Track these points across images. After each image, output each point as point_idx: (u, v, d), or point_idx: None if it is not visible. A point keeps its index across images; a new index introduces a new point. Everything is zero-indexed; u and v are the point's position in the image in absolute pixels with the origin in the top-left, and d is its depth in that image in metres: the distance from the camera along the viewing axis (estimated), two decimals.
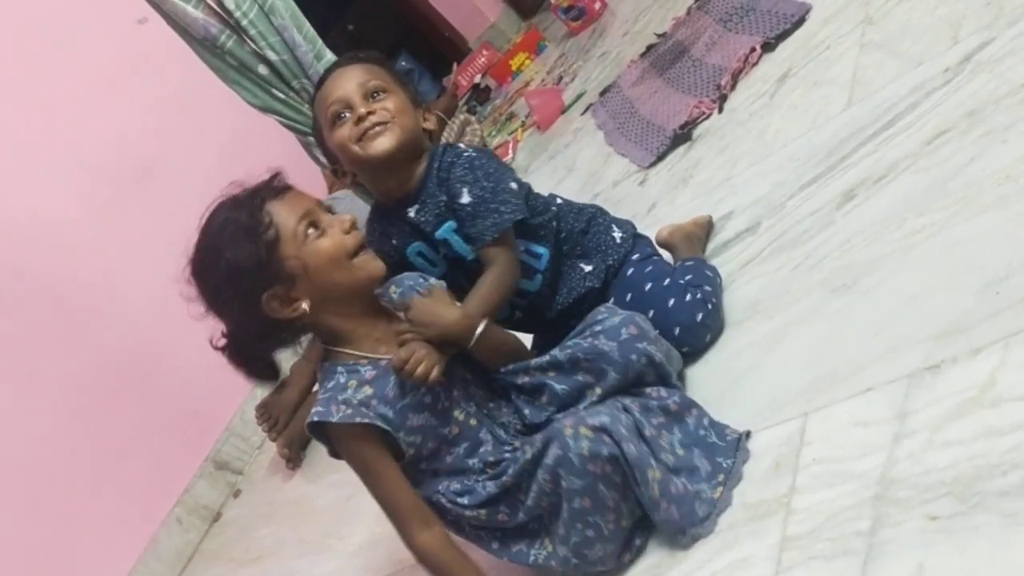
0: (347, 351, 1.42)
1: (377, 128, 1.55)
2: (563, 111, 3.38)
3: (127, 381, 2.99)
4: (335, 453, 1.44)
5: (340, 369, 1.41)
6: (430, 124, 1.64)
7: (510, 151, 3.48)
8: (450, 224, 1.60)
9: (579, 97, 3.33)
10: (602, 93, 3.11)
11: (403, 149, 1.58)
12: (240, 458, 3.13)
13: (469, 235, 1.59)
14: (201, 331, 1.45)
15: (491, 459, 1.41)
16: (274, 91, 1.78)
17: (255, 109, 1.83)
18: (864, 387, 1.24)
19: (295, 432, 2.75)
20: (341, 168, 1.65)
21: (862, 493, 1.11)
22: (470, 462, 1.42)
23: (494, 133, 3.94)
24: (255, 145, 3.06)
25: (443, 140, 3.74)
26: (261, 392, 3.05)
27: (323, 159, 1.65)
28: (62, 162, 3.12)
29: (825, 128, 1.79)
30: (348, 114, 1.57)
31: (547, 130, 3.37)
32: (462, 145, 1.67)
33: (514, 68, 4.50)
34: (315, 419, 1.37)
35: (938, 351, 1.19)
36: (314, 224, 1.38)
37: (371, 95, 1.57)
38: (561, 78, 3.74)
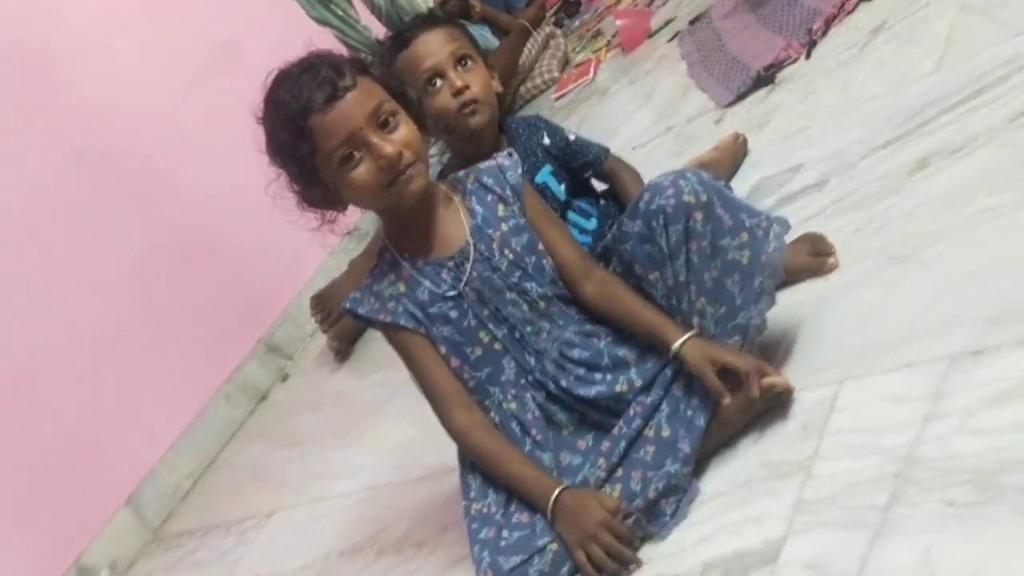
0: (394, 246, 1.47)
1: (473, 105, 1.70)
2: (650, 35, 3.31)
3: (193, 255, 3.06)
4: None
5: (387, 256, 1.47)
6: (498, 86, 1.78)
7: (591, 70, 3.43)
8: (546, 168, 1.78)
9: (668, 23, 3.26)
10: (692, 22, 3.03)
11: (492, 123, 1.75)
12: (292, 344, 3.21)
13: (587, 161, 1.83)
14: (269, 214, 1.49)
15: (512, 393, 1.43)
16: (332, 6, 1.81)
17: (313, 20, 1.86)
18: (904, 362, 1.23)
19: (347, 326, 2.81)
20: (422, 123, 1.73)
21: (884, 468, 1.11)
22: (491, 390, 1.44)
23: (578, 49, 3.88)
24: None
25: (526, 53, 3.71)
26: (320, 282, 3.13)
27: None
28: (147, 35, 3.16)
29: (911, 89, 1.74)
30: (440, 81, 1.69)
31: (631, 53, 3.31)
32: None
33: None
34: (347, 305, 1.48)
35: (985, 336, 1.16)
36: (355, 148, 1.34)
37: (460, 63, 1.71)
38: (653, 0, 3.65)
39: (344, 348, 2.83)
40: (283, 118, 1.35)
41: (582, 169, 1.84)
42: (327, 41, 3.09)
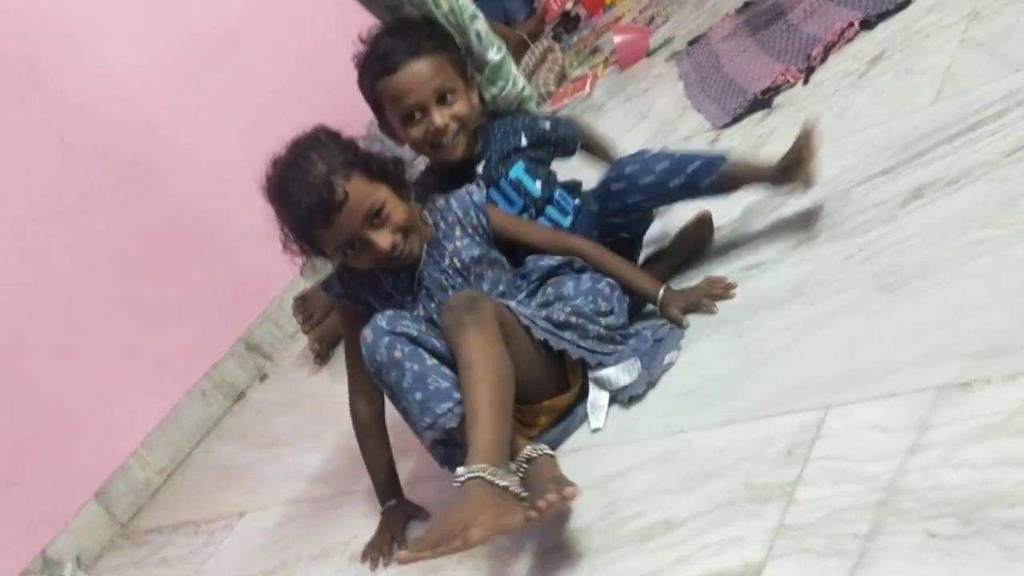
0: None
1: (455, 138, 1.75)
2: (648, 54, 3.32)
3: (177, 249, 3.03)
4: None
5: None
6: (478, 104, 1.83)
7: (588, 86, 3.43)
8: (519, 165, 1.82)
9: (666, 42, 3.26)
10: (690, 43, 3.04)
11: (469, 149, 1.80)
12: (272, 343, 3.18)
13: (563, 140, 1.89)
14: (256, 214, 1.51)
15: None
16: None
17: None
18: (891, 391, 1.22)
19: (328, 328, 2.80)
20: (400, 140, 1.82)
21: (867, 496, 1.10)
22: None
23: (575, 64, 3.88)
24: (339, 29, 3.04)
25: (523, 65, 3.70)
26: (303, 283, 3.10)
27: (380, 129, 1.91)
28: (148, 26, 3.13)
29: (908, 119, 1.74)
30: (419, 115, 1.74)
31: (628, 71, 3.31)
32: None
33: (607, 1, 4.41)
34: (323, 285, 1.80)
35: (973, 369, 1.16)
36: (353, 245, 1.59)
37: (442, 99, 1.73)
38: (652, 19, 3.66)
39: (325, 350, 2.80)
40: (290, 225, 1.60)
41: (562, 153, 1.90)
42: (329, 27, 3.05)
